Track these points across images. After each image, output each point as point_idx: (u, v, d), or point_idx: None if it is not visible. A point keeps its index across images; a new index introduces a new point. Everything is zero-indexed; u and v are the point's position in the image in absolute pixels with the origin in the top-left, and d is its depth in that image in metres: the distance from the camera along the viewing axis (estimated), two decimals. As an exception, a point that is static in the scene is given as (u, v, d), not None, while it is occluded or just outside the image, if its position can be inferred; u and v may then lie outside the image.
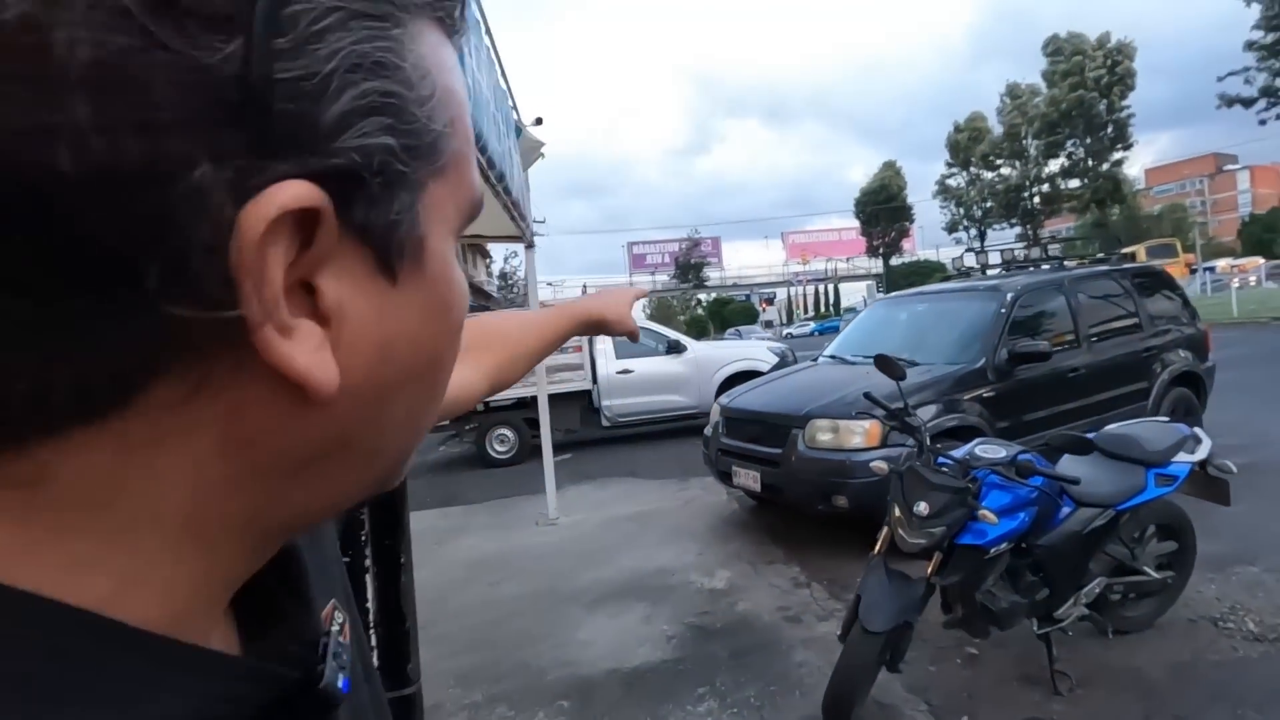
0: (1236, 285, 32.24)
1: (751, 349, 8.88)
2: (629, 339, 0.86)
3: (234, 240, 0.19)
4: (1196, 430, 2.77)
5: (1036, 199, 35.45)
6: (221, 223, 0.19)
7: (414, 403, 0.28)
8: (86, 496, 0.21)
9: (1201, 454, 2.66)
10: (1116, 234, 36.22)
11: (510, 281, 51.48)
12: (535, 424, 8.64)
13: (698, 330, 72.59)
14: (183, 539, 0.23)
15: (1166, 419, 2.89)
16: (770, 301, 61.65)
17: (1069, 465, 2.75)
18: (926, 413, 3.93)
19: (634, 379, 8.51)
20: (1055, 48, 30.71)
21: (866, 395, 2.81)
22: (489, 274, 48.84)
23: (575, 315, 0.80)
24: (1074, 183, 32.48)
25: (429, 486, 7.85)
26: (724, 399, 5.04)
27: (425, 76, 0.24)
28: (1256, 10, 21.96)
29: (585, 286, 66.44)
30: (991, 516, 2.17)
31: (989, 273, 5.59)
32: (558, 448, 9.13)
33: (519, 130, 5.05)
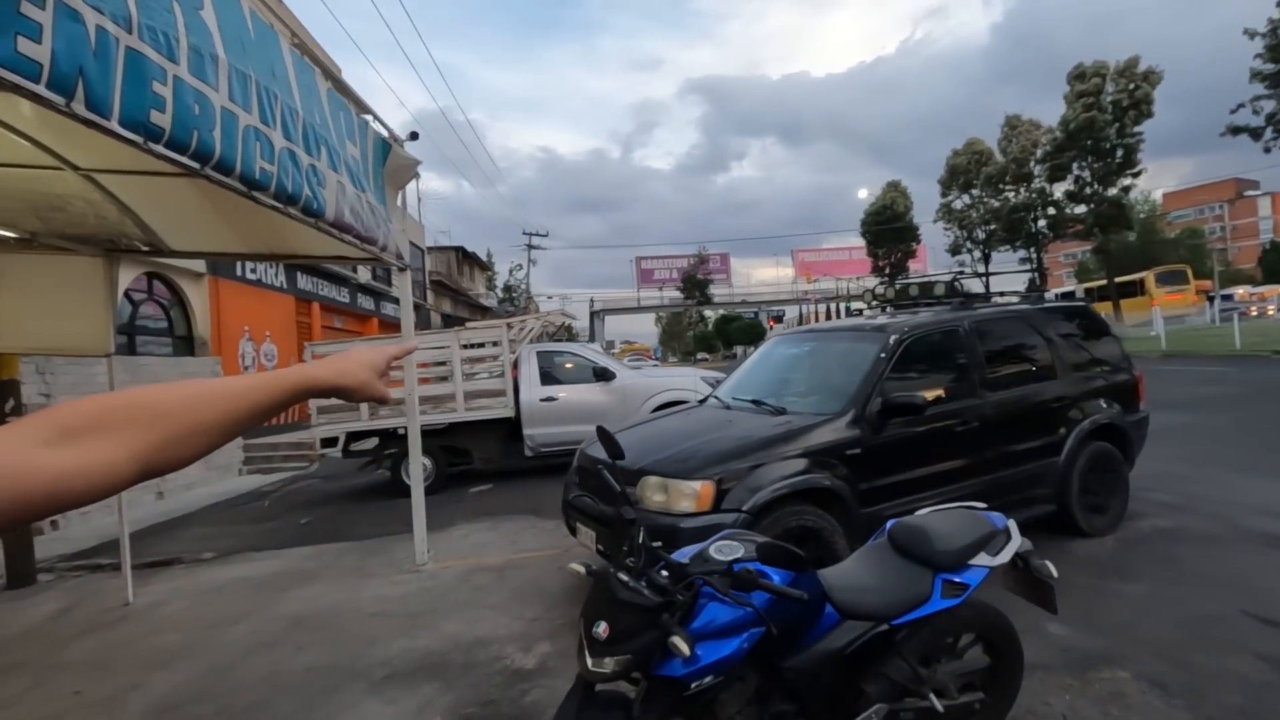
0: (1254, 314, 31.17)
1: (683, 378, 8.39)
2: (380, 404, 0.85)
3: None
4: (1009, 524, 2.28)
5: (1041, 222, 34.60)
6: None
7: None
8: None
9: (1006, 555, 2.17)
10: (1122, 259, 35.36)
11: (514, 294, 51.45)
12: (454, 451, 8.25)
13: (705, 346, 71.98)
14: None
15: (983, 506, 2.41)
16: (778, 319, 60.86)
17: (857, 562, 2.28)
18: (777, 470, 3.46)
19: (558, 407, 8.07)
20: (1079, 73, 30.11)
21: (599, 463, 2.34)
22: (490, 286, 48.92)
23: (291, 384, 0.74)
24: (1080, 208, 31.60)
25: (330, 517, 7.44)
26: (585, 442, 4.58)
27: None
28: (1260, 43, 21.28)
29: (593, 300, 66.25)
30: (682, 646, 1.69)
31: (888, 309, 5.10)
32: (480, 477, 8.74)
33: (385, 150, 4.68)
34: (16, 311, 4.57)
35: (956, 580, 2.09)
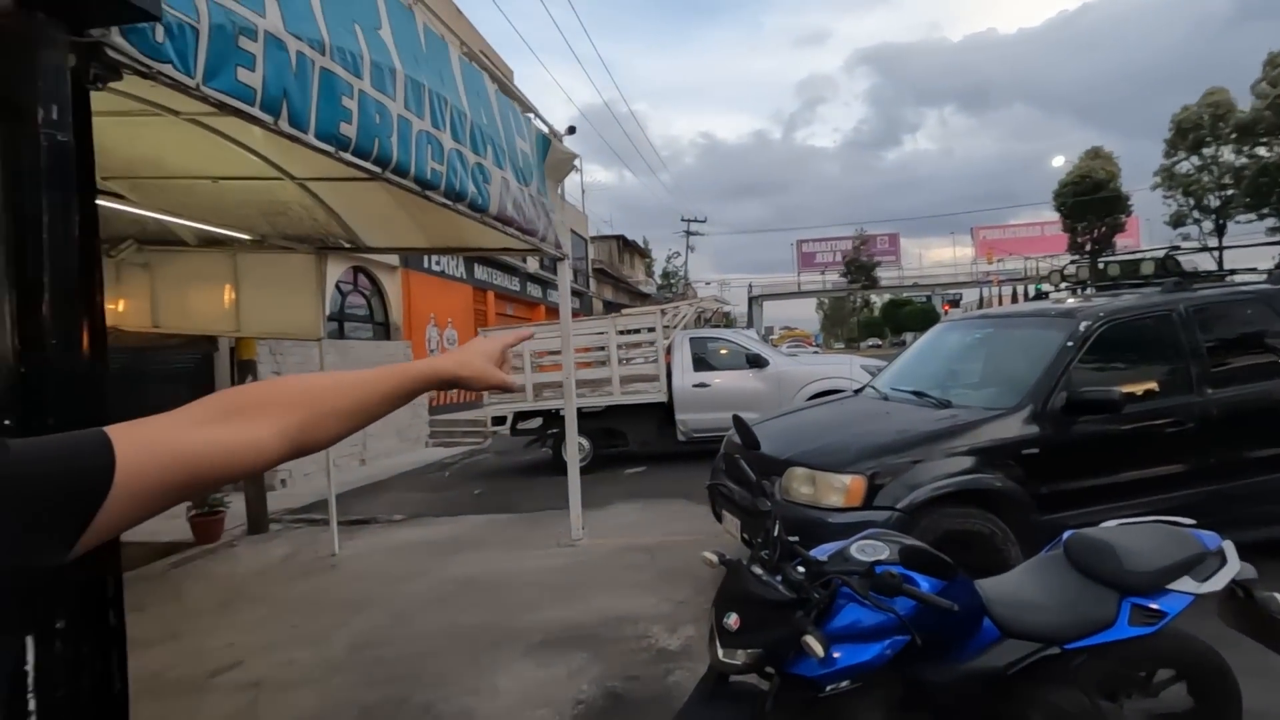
0: None
1: (840, 366, 8.02)
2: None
3: None
4: (1224, 545, 1.92)
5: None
6: None
7: None
8: None
9: (1219, 582, 1.83)
10: None
11: (672, 281, 52.15)
12: (611, 434, 8.57)
13: (871, 333, 68.18)
14: None
15: (1189, 522, 2.04)
16: (955, 304, 56.12)
17: (1025, 575, 2.06)
18: (939, 467, 3.21)
19: (710, 393, 8.08)
20: None
21: (730, 457, 2.30)
22: (649, 273, 49.95)
23: (418, 374, 0.80)
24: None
25: (500, 489, 8.06)
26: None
27: None
28: None
29: (751, 285, 65.29)
30: (815, 646, 1.62)
31: (1088, 290, 4.47)
32: (635, 460, 9.00)
33: (545, 145, 4.93)
34: (253, 302, 5.42)
35: (1150, 606, 1.81)
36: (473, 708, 2.99)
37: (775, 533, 1.91)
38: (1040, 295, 4.69)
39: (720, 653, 1.77)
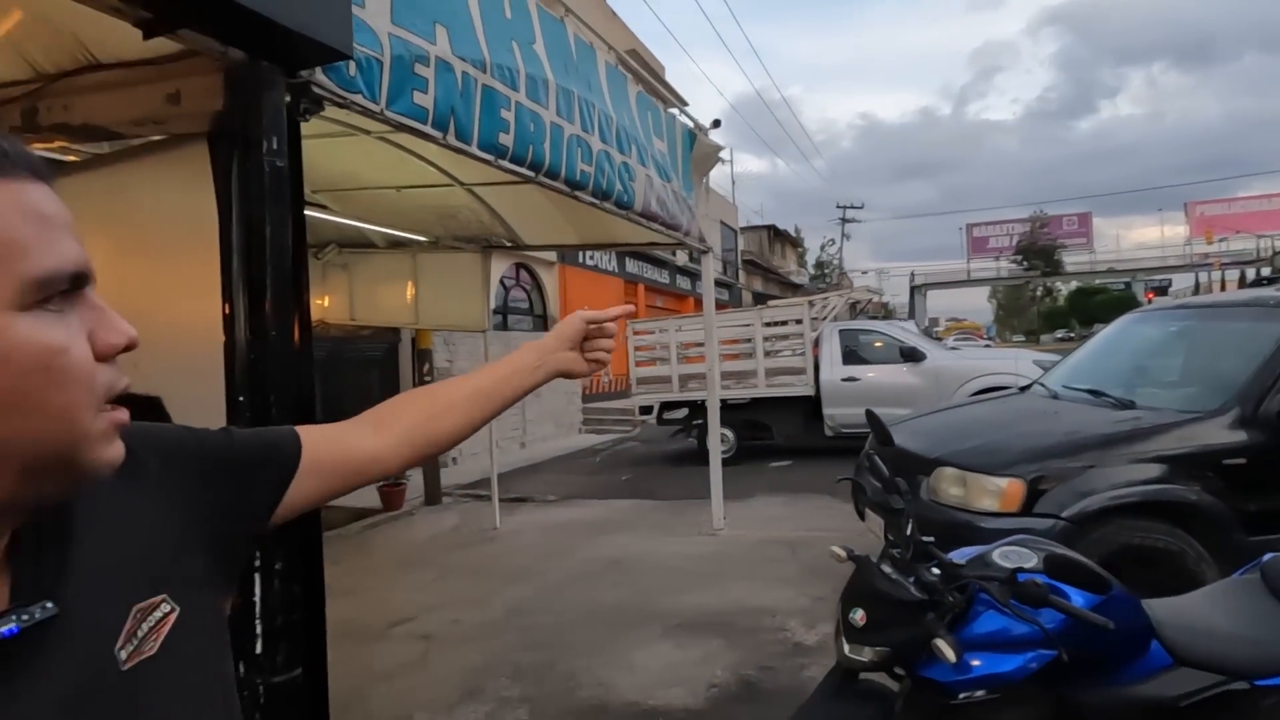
0: None
1: (1007, 361, 7.34)
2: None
3: None
4: None
5: None
6: None
7: (3, 425, 0.42)
8: None
9: None
10: None
11: (825, 270, 50.27)
12: (755, 426, 8.52)
13: (1054, 324, 61.25)
14: None
15: None
16: (1161, 291, 48.89)
17: (1209, 599, 1.83)
18: (1117, 474, 2.90)
19: (860, 387, 7.76)
20: None
21: (870, 455, 2.22)
22: (801, 263, 48.51)
23: (528, 380, 0.87)
24: None
25: (646, 476, 8.32)
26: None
27: None
28: None
29: (913, 274, 61.13)
30: (947, 650, 1.56)
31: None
32: (780, 453, 8.88)
33: (691, 140, 5.02)
34: (429, 297, 6.03)
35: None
36: (612, 679, 3.17)
37: (909, 531, 1.85)
38: (1262, 281, 4.04)
39: (847, 648, 1.76)
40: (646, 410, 9.10)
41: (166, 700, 0.51)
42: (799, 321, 8.17)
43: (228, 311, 1.78)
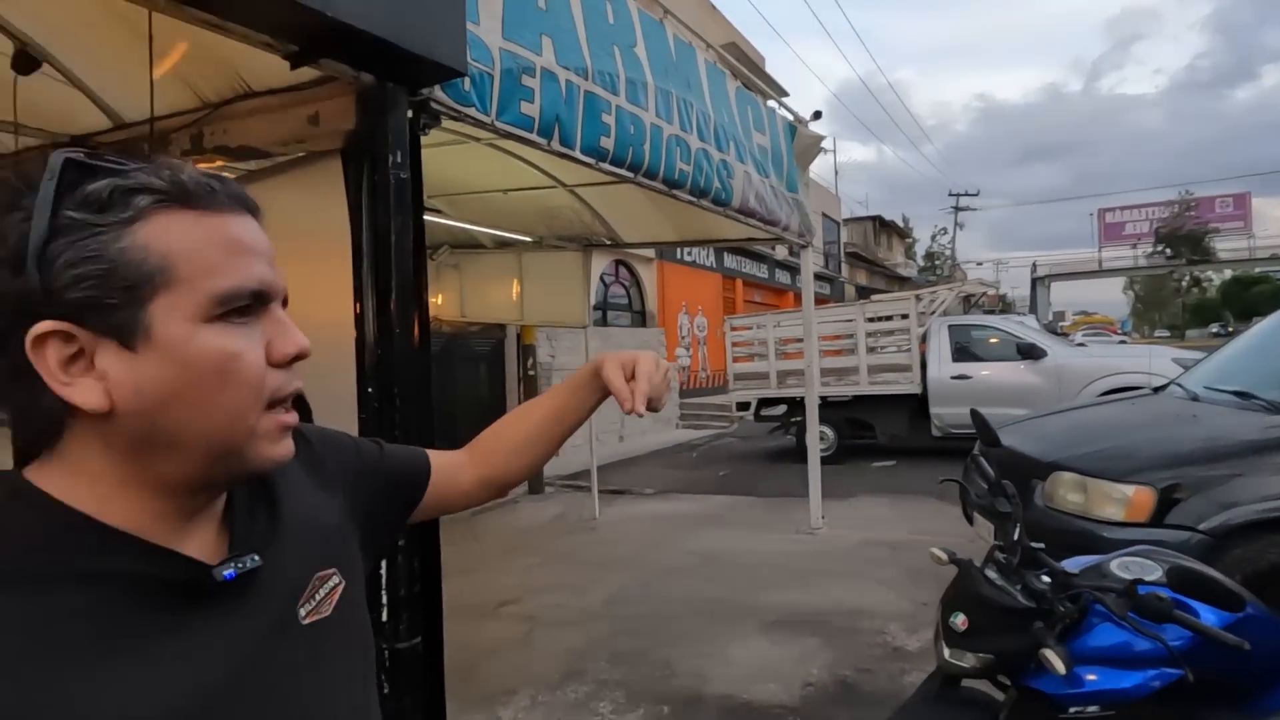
0: None
1: (1141, 359, 6.70)
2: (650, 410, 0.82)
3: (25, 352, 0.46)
4: None
5: None
6: (21, 347, 0.46)
7: (183, 416, 0.49)
8: (78, 466, 0.50)
9: None
10: None
11: (936, 262, 47.67)
12: (857, 424, 8.28)
13: (1201, 319, 55.06)
14: (118, 486, 0.50)
15: None
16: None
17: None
18: (1265, 486, 2.64)
19: (972, 386, 7.36)
20: None
21: (975, 455, 2.13)
22: (909, 255, 46.24)
23: (590, 397, 0.89)
24: None
25: (743, 472, 8.29)
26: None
27: (134, 248, 0.47)
28: None
29: (1035, 265, 56.75)
30: (1055, 661, 1.49)
31: None
32: (883, 453, 8.57)
33: (792, 132, 4.96)
34: (532, 295, 6.29)
35: None
36: (707, 670, 3.22)
37: (1016, 537, 1.78)
38: None
39: (947, 652, 1.72)
40: (744, 406, 9.05)
41: (334, 655, 0.60)
42: (905, 316, 7.85)
43: (358, 311, 1.97)
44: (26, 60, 2.34)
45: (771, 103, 4.79)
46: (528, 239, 5.89)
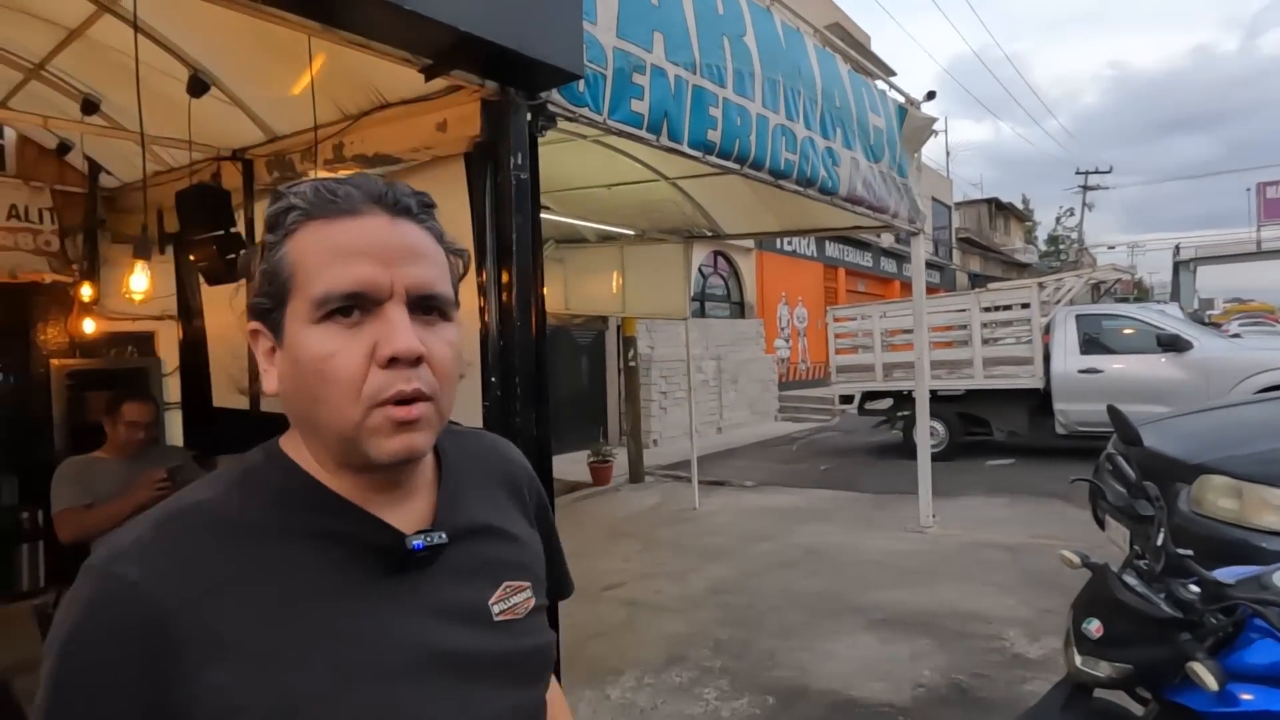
0: None
1: (1311, 352, 5.93)
2: None
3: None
4: None
5: None
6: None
7: (304, 406, 0.57)
8: (302, 440, 0.60)
9: None
10: None
11: (1061, 246, 44.08)
12: (971, 420, 7.87)
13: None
14: (327, 459, 0.59)
15: None
16: None
17: None
18: None
19: (1101, 381, 6.80)
20: None
21: (1107, 456, 1.99)
22: (1029, 239, 42.96)
23: None
24: None
25: (846, 467, 8.08)
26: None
27: (284, 260, 0.56)
28: None
29: (1178, 247, 51.28)
30: (1206, 677, 1.38)
31: None
32: (1000, 450, 8.09)
33: (902, 115, 4.78)
34: (634, 287, 6.39)
35: None
36: (811, 664, 3.20)
37: (1159, 542, 1.66)
38: None
39: (1078, 660, 1.64)
40: (847, 400, 8.79)
41: (525, 656, 0.66)
42: (1026, 306, 7.35)
43: (482, 304, 2.10)
44: (198, 84, 2.64)
45: (880, 84, 4.62)
46: (630, 232, 5.98)
